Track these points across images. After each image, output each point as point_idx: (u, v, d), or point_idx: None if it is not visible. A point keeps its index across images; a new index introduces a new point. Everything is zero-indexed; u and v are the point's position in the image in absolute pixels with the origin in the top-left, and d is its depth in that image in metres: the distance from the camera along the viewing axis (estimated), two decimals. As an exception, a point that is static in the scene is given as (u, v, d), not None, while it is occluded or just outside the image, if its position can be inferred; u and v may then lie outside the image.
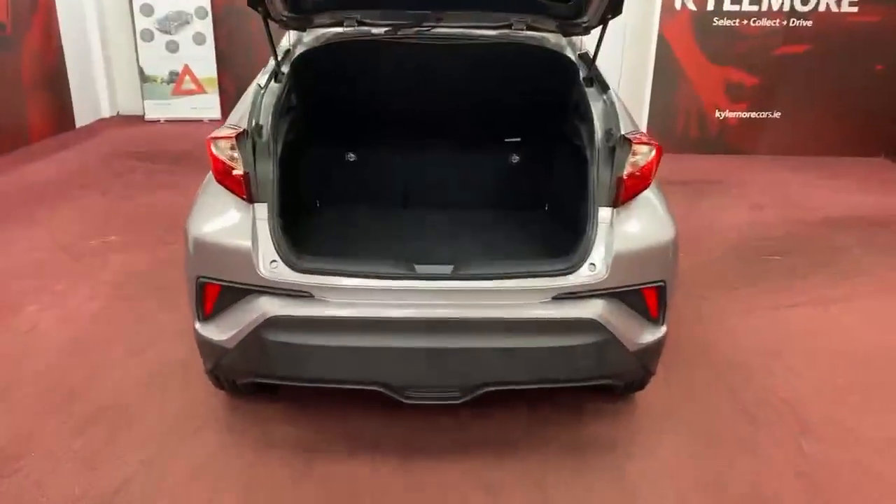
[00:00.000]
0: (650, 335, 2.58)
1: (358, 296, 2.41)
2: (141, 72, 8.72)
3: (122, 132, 8.36)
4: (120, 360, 3.32)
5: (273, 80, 2.89)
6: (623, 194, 2.50)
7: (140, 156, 7.23)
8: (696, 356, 3.44)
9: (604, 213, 2.51)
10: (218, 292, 2.49)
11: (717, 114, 7.71)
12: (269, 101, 2.74)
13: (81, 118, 8.45)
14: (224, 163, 2.44)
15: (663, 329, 2.63)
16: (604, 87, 2.92)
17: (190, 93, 8.85)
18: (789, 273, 4.56)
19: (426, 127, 3.46)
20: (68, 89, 8.17)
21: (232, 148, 2.44)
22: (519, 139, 3.59)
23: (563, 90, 3.01)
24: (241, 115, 2.64)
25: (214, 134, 2.48)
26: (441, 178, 3.66)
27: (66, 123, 8.16)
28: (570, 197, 3.04)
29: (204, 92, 8.86)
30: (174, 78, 8.78)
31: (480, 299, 2.43)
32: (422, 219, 3.41)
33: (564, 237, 2.90)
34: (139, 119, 8.92)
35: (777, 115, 7.73)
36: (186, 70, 8.77)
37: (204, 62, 8.75)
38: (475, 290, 2.42)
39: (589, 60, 2.98)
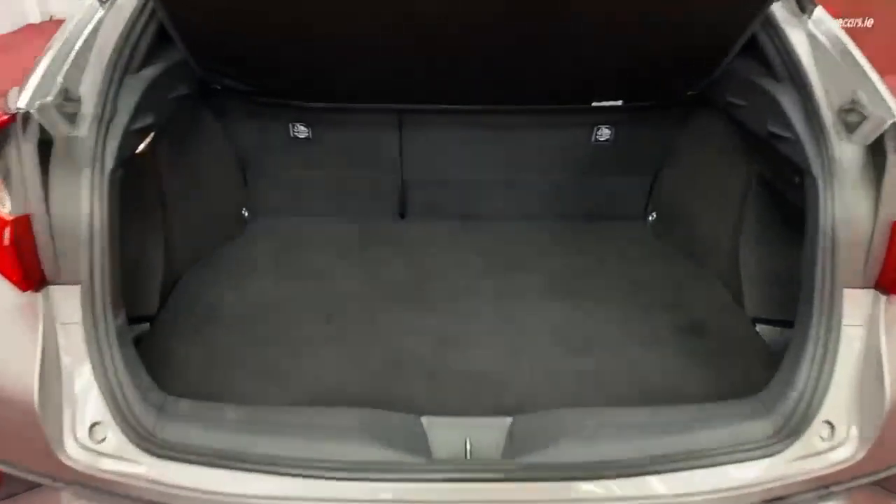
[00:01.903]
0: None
1: None
2: (72, -35, 7.01)
3: (51, 44, 6.77)
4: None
5: None
6: None
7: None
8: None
9: (854, 304, 1.14)
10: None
11: (794, 22, 6.15)
12: (106, 37, 1.31)
13: (-2, 24, 6.85)
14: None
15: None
16: (803, 8, 1.49)
17: (137, -8, 7.17)
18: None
19: (443, 76, 1.85)
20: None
21: None
22: (620, 102, 2.05)
23: (727, 10, 1.52)
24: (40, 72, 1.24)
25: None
26: (471, 168, 2.15)
27: (-25, 31, 6.59)
28: (716, 223, 1.73)
29: (154, -9, 7.17)
30: (115, -27, 7.08)
31: None
32: (432, 244, 1.98)
33: (696, 293, 1.75)
34: (76, 26, 7.29)
35: (870, 22, 6.14)
36: (130, -38, 7.05)
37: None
38: (564, 501, 1.08)
39: None
